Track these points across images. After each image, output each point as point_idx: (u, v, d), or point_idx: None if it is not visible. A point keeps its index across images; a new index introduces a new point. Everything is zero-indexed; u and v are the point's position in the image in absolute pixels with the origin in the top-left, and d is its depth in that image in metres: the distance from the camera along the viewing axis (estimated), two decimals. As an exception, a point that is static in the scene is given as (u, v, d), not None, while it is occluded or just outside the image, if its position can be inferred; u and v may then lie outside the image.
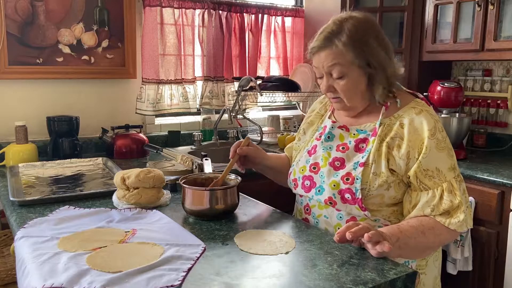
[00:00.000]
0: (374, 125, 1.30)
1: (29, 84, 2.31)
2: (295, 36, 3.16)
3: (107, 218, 1.33)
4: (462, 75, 2.86)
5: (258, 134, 2.84)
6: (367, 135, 1.30)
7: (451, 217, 1.20)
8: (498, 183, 2.01)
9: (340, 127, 1.37)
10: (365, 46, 1.23)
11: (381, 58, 1.25)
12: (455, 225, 1.20)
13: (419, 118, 1.25)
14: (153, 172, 1.48)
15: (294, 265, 1.04)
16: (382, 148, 1.25)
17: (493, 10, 2.32)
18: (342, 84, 1.27)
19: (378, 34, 1.27)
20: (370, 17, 1.30)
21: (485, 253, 2.09)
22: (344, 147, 1.33)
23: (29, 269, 1.01)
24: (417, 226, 1.19)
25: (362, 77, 1.27)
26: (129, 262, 1.02)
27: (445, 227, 1.20)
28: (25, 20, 2.22)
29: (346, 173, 1.27)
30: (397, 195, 1.27)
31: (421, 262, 1.29)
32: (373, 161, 1.25)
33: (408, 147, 1.23)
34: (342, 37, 1.23)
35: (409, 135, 1.24)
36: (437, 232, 1.20)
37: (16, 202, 1.49)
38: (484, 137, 2.70)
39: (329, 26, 1.27)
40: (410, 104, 1.29)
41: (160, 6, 2.55)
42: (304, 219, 1.40)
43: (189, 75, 2.75)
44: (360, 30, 1.24)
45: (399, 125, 1.26)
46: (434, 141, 1.22)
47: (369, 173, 1.25)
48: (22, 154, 2.09)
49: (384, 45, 1.27)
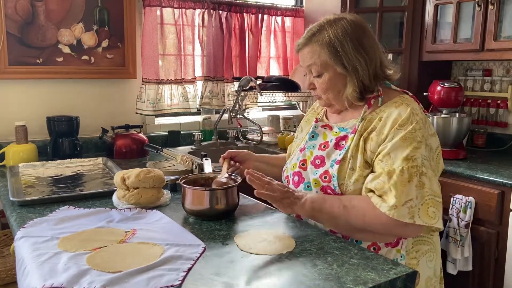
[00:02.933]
0: (357, 121, 1.32)
1: (29, 84, 2.31)
2: (295, 36, 3.16)
3: (107, 218, 1.33)
4: (462, 75, 2.86)
5: (258, 134, 2.84)
6: (347, 133, 1.32)
7: (383, 201, 1.17)
8: (498, 183, 2.01)
9: (323, 126, 1.41)
10: (341, 49, 1.27)
11: (355, 62, 1.27)
12: (385, 208, 1.15)
13: (396, 110, 1.26)
14: (153, 172, 1.48)
15: (294, 265, 1.04)
16: (360, 143, 1.27)
17: (493, 10, 2.32)
18: (320, 82, 1.34)
19: (360, 37, 1.29)
20: (359, 21, 1.33)
21: (485, 253, 2.09)
22: (325, 146, 1.36)
23: (29, 269, 1.01)
24: (343, 199, 1.24)
25: (338, 77, 1.31)
26: (129, 262, 1.02)
27: (374, 207, 1.18)
28: (25, 20, 2.22)
29: (324, 171, 1.31)
30: None
31: (411, 261, 1.27)
32: (350, 157, 1.27)
33: (377, 137, 1.25)
34: (320, 37, 1.29)
35: (381, 125, 1.25)
36: (361, 212, 1.21)
37: (16, 202, 1.49)
38: (484, 137, 2.69)
39: (314, 26, 1.33)
40: (394, 99, 1.31)
41: (160, 6, 2.55)
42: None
43: (189, 75, 2.75)
44: (341, 33, 1.28)
45: (378, 119, 1.28)
46: (401, 131, 1.21)
47: (346, 169, 1.27)
48: (22, 154, 2.09)
49: (364, 48, 1.28)
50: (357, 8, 2.75)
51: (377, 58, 1.31)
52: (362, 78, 1.29)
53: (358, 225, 1.23)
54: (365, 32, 1.32)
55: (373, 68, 1.30)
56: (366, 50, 1.29)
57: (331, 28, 1.29)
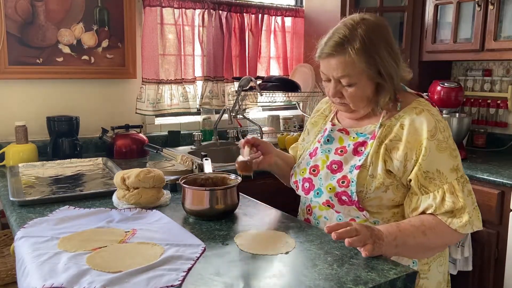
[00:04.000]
0: (375, 127, 1.29)
1: (29, 84, 2.31)
2: (295, 36, 3.16)
3: (107, 218, 1.33)
4: (462, 75, 2.86)
5: (258, 134, 2.84)
6: (366, 138, 1.29)
7: (454, 217, 1.17)
8: (498, 183, 2.01)
9: (339, 130, 1.36)
10: (377, 55, 1.20)
11: (391, 68, 1.22)
12: (457, 225, 1.17)
13: (419, 118, 1.22)
14: (153, 172, 1.48)
15: (294, 265, 1.04)
16: (381, 150, 1.24)
17: (493, 10, 2.32)
18: (350, 91, 1.24)
19: (389, 39, 1.24)
20: (382, 21, 1.26)
21: (485, 253, 2.09)
22: (342, 150, 1.31)
23: (29, 269, 1.01)
24: (418, 226, 1.17)
25: (370, 84, 1.24)
26: (129, 262, 1.02)
27: (447, 226, 1.18)
28: (25, 20, 2.22)
29: (342, 176, 1.27)
30: (395, 198, 1.26)
31: (423, 267, 1.27)
32: (370, 163, 1.24)
33: (405, 148, 1.21)
34: (355, 44, 1.18)
35: (408, 136, 1.21)
36: (439, 232, 1.18)
37: (16, 202, 1.49)
38: (484, 137, 2.70)
39: (341, 30, 1.21)
40: (412, 104, 1.27)
41: (160, 6, 2.55)
42: (306, 219, 1.40)
43: (189, 75, 2.75)
44: (373, 37, 1.20)
45: (400, 126, 1.24)
46: (434, 142, 1.19)
47: (366, 175, 1.23)
48: (22, 154, 2.09)
49: (394, 52, 1.23)
50: (357, 8, 2.75)
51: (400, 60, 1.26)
52: (395, 84, 1.24)
53: (435, 246, 1.23)
54: (390, 32, 1.25)
55: (401, 71, 1.26)
56: (395, 53, 1.24)
57: (364, 32, 1.19)
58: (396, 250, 1.15)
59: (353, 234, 1.06)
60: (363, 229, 1.09)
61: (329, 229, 1.08)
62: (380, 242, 1.10)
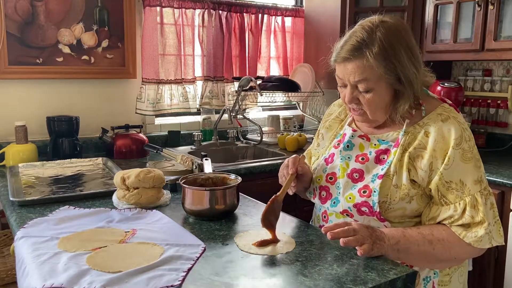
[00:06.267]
0: (397, 134, 1.22)
1: (29, 84, 2.31)
2: (295, 36, 3.16)
3: (107, 218, 1.33)
4: (462, 75, 2.86)
5: (258, 134, 2.84)
6: (389, 146, 1.22)
7: (468, 230, 1.13)
8: (498, 183, 2.01)
9: (360, 136, 1.28)
10: (397, 60, 1.13)
11: (411, 74, 1.15)
12: (471, 239, 1.12)
13: (446, 126, 1.16)
14: (153, 172, 1.48)
15: (294, 265, 1.04)
16: (404, 159, 1.17)
17: (493, 10, 2.32)
18: (368, 98, 1.18)
19: (410, 43, 1.17)
20: (403, 24, 1.20)
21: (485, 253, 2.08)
22: (363, 158, 1.24)
23: (29, 269, 1.01)
24: (426, 234, 1.14)
25: (389, 91, 1.18)
26: (129, 262, 1.02)
27: (459, 239, 1.13)
28: (25, 20, 2.22)
29: (363, 185, 1.20)
30: (419, 208, 1.20)
31: (444, 278, 1.23)
32: (394, 173, 1.18)
33: (431, 157, 1.15)
34: (373, 48, 1.12)
35: (434, 144, 1.15)
36: (447, 244, 1.13)
37: (16, 202, 1.49)
38: (484, 137, 2.70)
39: (358, 33, 1.16)
40: (437, 110, 1.20)
41: (160, 6, 2.55)
42: (320, 226, 1.34)
43: (189, 75, 2.75)
44: (393, 40, 1.14)
45: (424, 133, 1.18)
46: (459, 151, 1.13)
47: (390, 185, 1.17)
48: (22, 154, 2.09)
49: (415, 56, 1.17)
50: (357, 8, 2.75)
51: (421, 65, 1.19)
52: (415, 91, 1.17)
53: (443, 258, 1.17)
54: (411, 35, 1.18)
55: (421, 76, 1.18)
56: (416, 58, 1.17)
57: (383, 35, 1.13)
58: (398, 255, 1.12)
59: (350, 234, 1.05)
60: (362, 229, 1.07)
61: (325, 230, 1.07)
62: (381, 243, 1.08)
